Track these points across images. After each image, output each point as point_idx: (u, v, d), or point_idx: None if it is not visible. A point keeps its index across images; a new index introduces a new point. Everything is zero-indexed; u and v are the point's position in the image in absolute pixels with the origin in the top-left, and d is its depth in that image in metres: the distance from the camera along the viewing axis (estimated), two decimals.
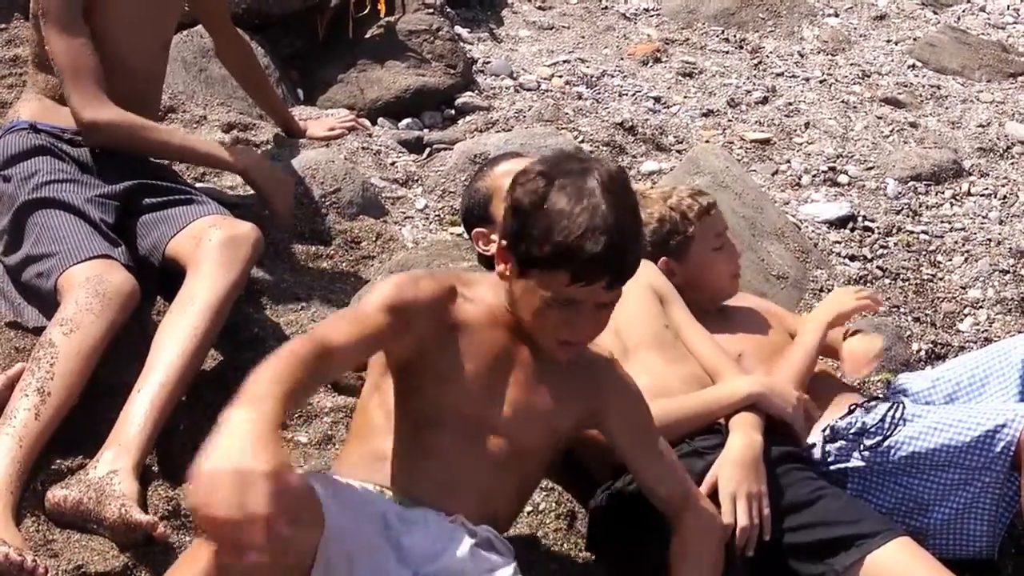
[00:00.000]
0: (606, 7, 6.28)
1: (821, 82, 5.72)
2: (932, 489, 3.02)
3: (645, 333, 3.18)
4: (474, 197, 3.46)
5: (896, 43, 6.26)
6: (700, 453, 2.93)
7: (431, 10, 5.28)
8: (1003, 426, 2.93)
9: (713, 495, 2.81)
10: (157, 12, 3.41)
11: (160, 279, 3.30)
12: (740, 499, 2.79)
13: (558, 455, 2.74)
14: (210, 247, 3.18)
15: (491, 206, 3.38)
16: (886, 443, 3.06)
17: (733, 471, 2.84)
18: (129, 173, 3.45)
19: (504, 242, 2.46)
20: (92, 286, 3.00)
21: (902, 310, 4.18)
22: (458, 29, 5.60)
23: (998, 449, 2.93)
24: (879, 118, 5.40)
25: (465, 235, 3.74)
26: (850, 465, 3.08)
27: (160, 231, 3.34)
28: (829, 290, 4.15)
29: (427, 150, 4.77)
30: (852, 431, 3.11)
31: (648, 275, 3.39)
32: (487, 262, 3.44)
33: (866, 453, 3.06)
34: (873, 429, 3.10)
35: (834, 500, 2.89)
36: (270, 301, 3.63)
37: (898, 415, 3.09)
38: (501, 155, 3.76)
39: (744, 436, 2.92)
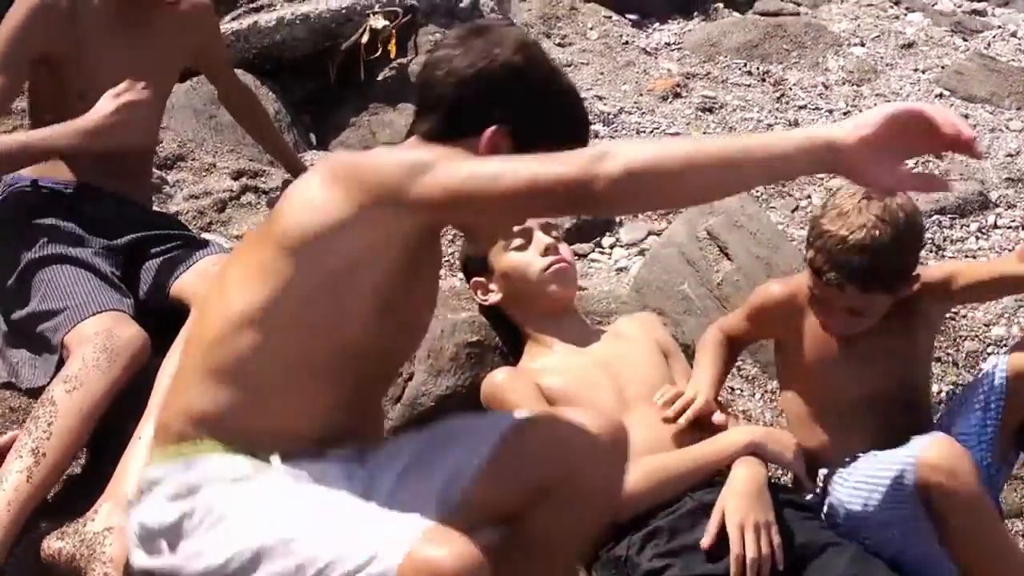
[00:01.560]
0: (627, 42, 6.21)
1: (845, 114, 5.60)
2: (890, 545, 2.91)
3: (647, 387, 3.13)
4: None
5: (924, 72, 6.15)
6: (705, 507, 2.85)
7: None
8: (903, 471, 2.82)
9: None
10: (145, 69, 3.34)
11: (164, 319, 3.24)
12: (748, 529, 2.75)
13: None
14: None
15: (489, 255, 3.30)
16: (824, 512, 3.02)
17: (739, 501, 2.80)
18: (133, 226, 3.41)
19: None
20: (101, 341, 2.93)
21: None
22: None
23: (908, 494, 2.82)
24: None
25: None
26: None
27: (165, 272, 3.29)
28: None
29: None
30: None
31: (652, 328, 3.32)
32: (487, 312, 3.37)
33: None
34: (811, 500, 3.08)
35: (843, 552, 2.83)
36: None
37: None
38: None
39: (748, 468, 2.88)
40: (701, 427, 3.03)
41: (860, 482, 2.91)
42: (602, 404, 3.03)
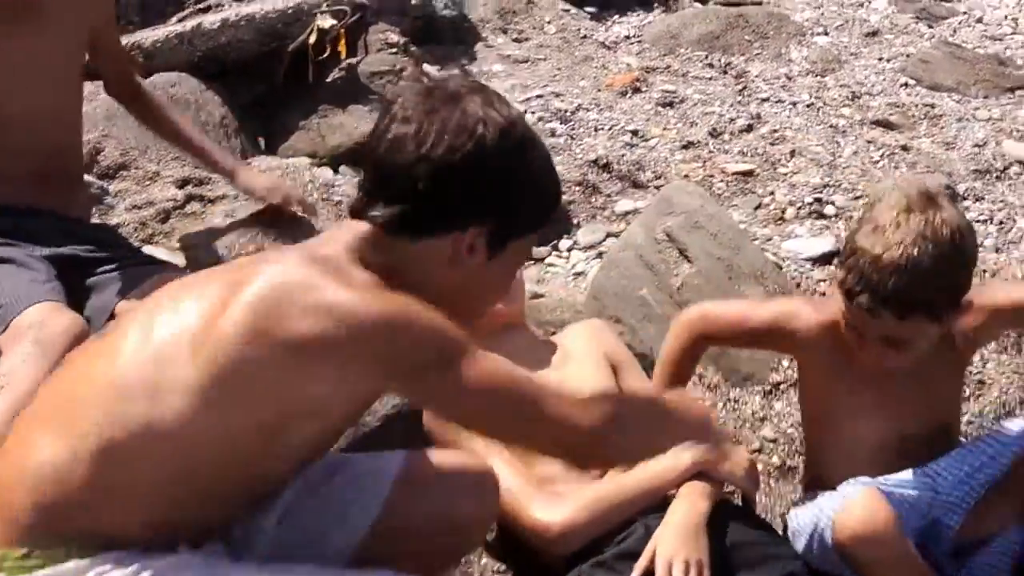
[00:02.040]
0: (585, 36, 6.07)
1: (809, 106, 5.48)
2: None
3: None
4: None
5: (888, 60, 6.02)
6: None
7: (394, 50, 5.08)
8: (822, 529, 2.72)
9: None
10: (41, 59, 3.14)
11: None
12: (676, 566, 2.59)
13: None
14: None
15: None
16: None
17: (671, 537, 2.65)
18: (71, 238, 3.26)
19: None
20: (33, 334, 2.78)
21: None
22: (427, 67, 5.39)
23: (829, 548, 2.72)
24: (869, 142, 5.16)
25: None
26: None
27: (110, 291, 3.14)
28: None
29: None
30: None
31: (602, 341, 3.19)
32: None
33: None
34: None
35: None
36: None
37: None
38: None
39: (687, 502, 2.73)
40: None
41: (802, 522, 2.80)
42: None
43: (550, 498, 2.74)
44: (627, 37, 6.10)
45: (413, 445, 2.98)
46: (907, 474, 2.73)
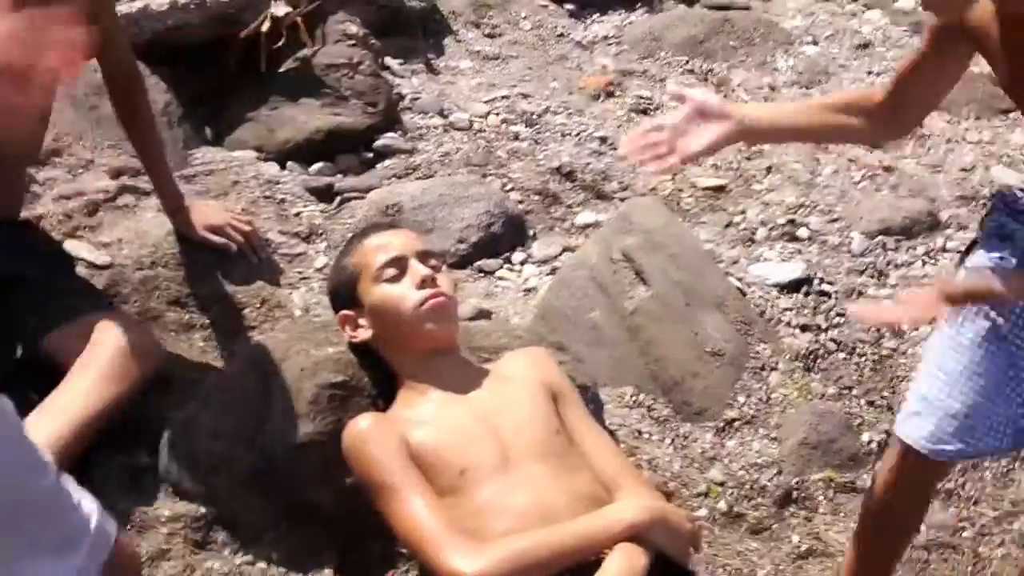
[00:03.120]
0: (562, 34, 5.80)
1: None
2: None
3: (531, 441, 2.73)
4: (340, 275, 2.97)
5: (879, 75, 5.74)
6: None
7: (352, 41, 4.80)
8: None
9: None
10: None
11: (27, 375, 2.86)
12: None
13: None
14: (102, 352, 2.84)
15: (359, 286, 2.89)
16: None
17: None
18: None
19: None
20: None
21: (854, 392, 3.67)
22: (388, 61, 5.12)
23: None
24: (851, 161, 4.89)
25: None
26: None
27: (39, 316, 2.90)
28: (773, 368, 3.66)
29: (337, 199, 4.30)
30: None
31: (541, 369, 2.93)
32: (356, 350, 2.97)
33: None
34: None
35: None
36: None
37: None
38: (372, 225, 3.29)
39: (623, 560, 2.47)
40: (586, 497, 2.64)
41: None
42: (481, 462, 2.66)
43: (470, 546, 2.50)
44: (605, 37, 5.82)
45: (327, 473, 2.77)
46: None
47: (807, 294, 4.01)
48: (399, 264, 2.86)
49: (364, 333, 2.91)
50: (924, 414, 2.57)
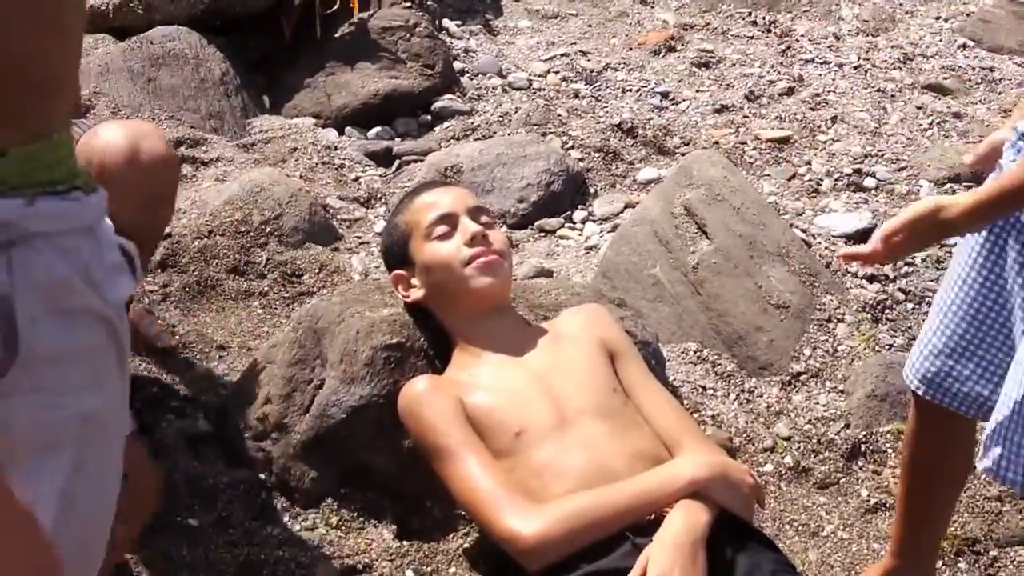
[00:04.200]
0: None
1: (856, 68, 5.11)
2: None
3: (588, 399, 2.69)
4: (392, 234, 2.93)
5: (946, 20, 5.63)
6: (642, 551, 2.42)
7: (408, 3, 4.76)
8: None
9: None
10: None
11: None
12: None
13: None
14: None
15: (410, 244, 2.86)
16: None
17: (665, 556, 2.34)
18: None
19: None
20: None
21: None
22: (446, 22, 5.08)
23: None
24: (919, 108, 4.79)
25: None
26: None
27: None
28: (839, 320, 3.59)
29: (396, 163, 4.27)
30: None
31: (598, 326, 2.88)
32: (412, 310, 2.93)
33: None
34: None
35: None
36: (183, 349, 3.20)
37: None
38: (424, 184, 3.26)
39: (686, 516, 2.42)
40: (645, 455, 2.59)
41: None
42: (536, 422, 2.62)
43: (527, 506, 2.46)
44: None
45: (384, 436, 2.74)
46: None
47: None
48: (449, 221, 2.82)
49: (416, 293, 2.88)
50: (915, 350, 2.50)
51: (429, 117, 4.53)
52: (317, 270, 3.64)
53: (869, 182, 4.26)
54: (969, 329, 2.34)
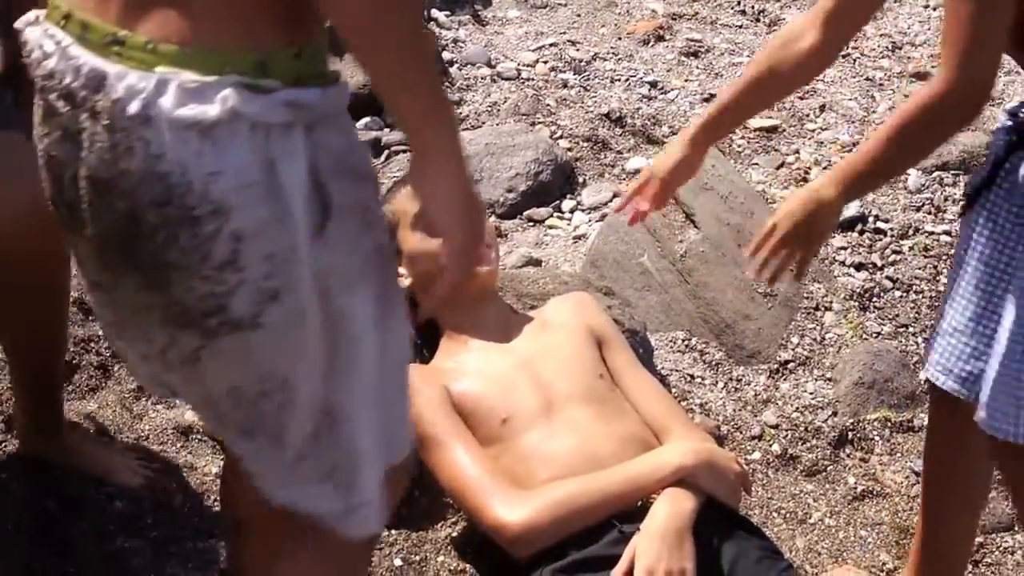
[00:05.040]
0: None
1: (844, 56, 5.11)
2: None
3: (575, 385, 2.70)
4: None
5: (935, 8, 5.63)
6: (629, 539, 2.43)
7: None
8: None
9: None
10: None
11: None
12: None
13: None
14: None
15: (398, 234, 2.87)
16: None
17: (653, 544, 2.37)
18: None
19: None
20: None
21: (910, 330, 3.60)
22: (435, 13, 5.09)
23: None
24: (907, 96, 4.77)
25: None
26: None
27: None
28: (827, 308, 3.60)
29: (385, 152, 4.27)
30: None
31: (585, 314, 2.89)
32: None
33: None
34: None
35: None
36: None
37: None
38: None
39: (672, 504, 2.44)
40: (632, 441, 2.61)
41: None
42: (523, 409, 2.64)
43: (513, 494, 2.48)
44: None
45: None
46: None
47: (862, 232, 3.94)
48: None
49: (404, 281, 2.89)
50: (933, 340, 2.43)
51: None
52: None
53: None
54: (968, 307, 2.32)
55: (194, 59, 1.40)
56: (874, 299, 3.69)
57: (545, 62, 4.85)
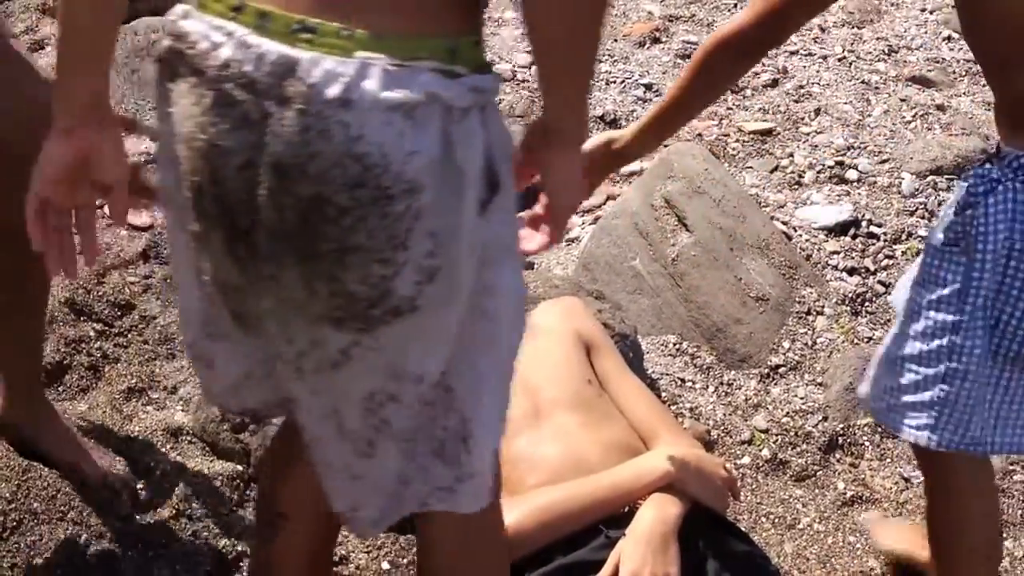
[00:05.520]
0: None
1: (840, 60, 5.11)
2: None
3: (562, 391, 2.71)
4: None
5: (932, 12, 5.62)
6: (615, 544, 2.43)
7: None
8: None
9: None
10: None
11: None
12: None
13: None
14: None
15: None
16: None
17: (637, 549, 2.37)
18: None
19: None
20: None
21: None
22: None
23: None
24: (902, 100, 4.79)
25: None
26: None
27: None
28: (819, 313, 3.60)
29: None
30: None
31: (574, 319, 2.90)
32: None
33: None
34: None
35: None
36: (164, 341, 3.19)
37: None
38: None
39: (657, 509, 2.45)
40: (619, 446, 2.61)
41: None
42: (511, 414, 2.62)
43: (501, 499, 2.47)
44: None
45: None
46: None
47: (855, 237, 3.94)
48: None
49: None
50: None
51: None
52: None
53: (851, 174, 4.27)
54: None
55: (391, 45, 1.46)
56: (866, 304, 3.69)
57: None
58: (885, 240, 3.94)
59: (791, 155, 4.40)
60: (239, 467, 2.87)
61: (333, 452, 1.74)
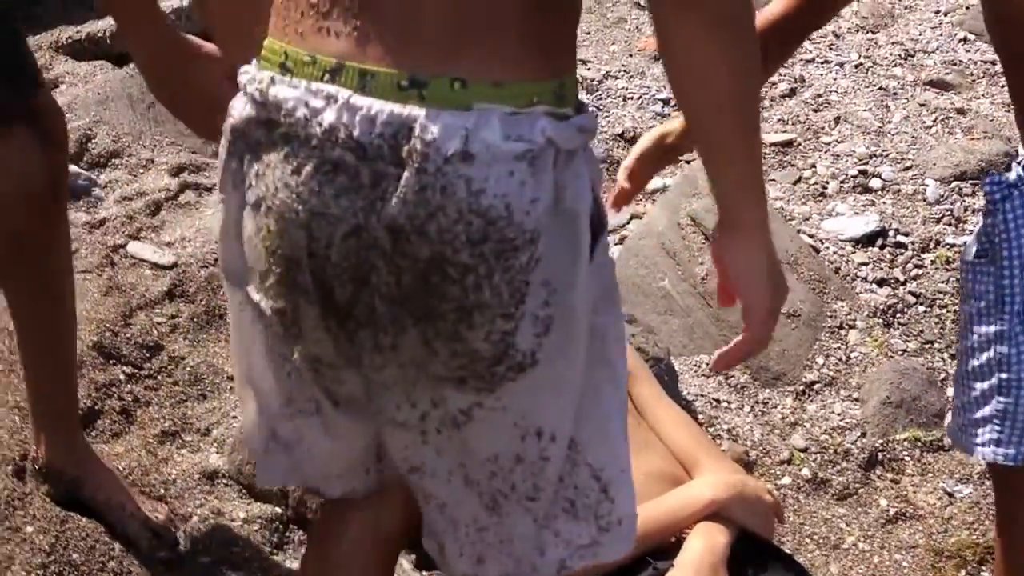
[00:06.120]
0: None
1: (857, 66, 5.08)
2: None
3: None
4: None
5: (946, 14, 5.59)
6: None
7: None
8: None
9: None
10: None
11: None
12: None
13: None
14: None
15: None
16: None
17: None
18: None
19: None
20: None
21: (936, 346, 3.57)
22: None
23: None
24: (922, 105, 4.76)
25: None
26: None
27: None
28: (851, 326, 3.57)
29: None
30: None
31: None
32: None
33: None
34: None
35: None
36: (194, 382, 3.17)
37: None
38: None
39: (705, 538, 2.40)
40: (660, 475, 2.58)
41: None
42: None
43: None
44: None
45: None
46: None
47: (883, 247, 3.91)
48: None
49: None
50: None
51: None
52: None
53: (875, 183, 4.24)
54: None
55: (506, 93, 1.41)
56: (898, 315, 3.66)
57: None
58: (913, 249, 3.91)
59: (813, 166, 4.37)
60: (277, 509, 2.85)
61: (460, 509, 1.67)
